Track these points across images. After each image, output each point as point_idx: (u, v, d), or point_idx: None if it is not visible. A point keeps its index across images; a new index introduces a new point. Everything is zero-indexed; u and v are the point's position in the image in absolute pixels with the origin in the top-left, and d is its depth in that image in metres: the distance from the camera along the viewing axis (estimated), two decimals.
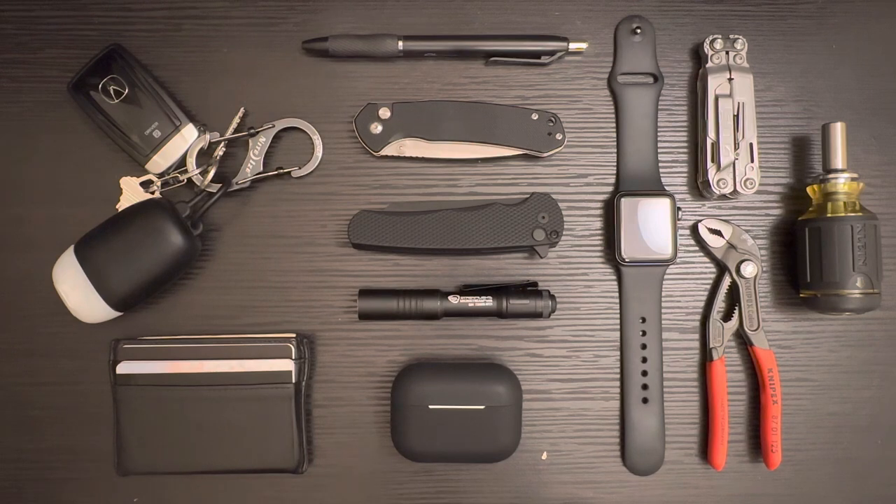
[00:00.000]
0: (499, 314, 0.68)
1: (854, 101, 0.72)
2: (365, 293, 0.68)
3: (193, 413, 0.66)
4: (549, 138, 0.70)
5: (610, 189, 0.72)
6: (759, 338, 0.70)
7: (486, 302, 0.68)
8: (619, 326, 0.71)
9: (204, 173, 0.69)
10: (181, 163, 0.69)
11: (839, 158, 0.68)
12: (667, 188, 0.71)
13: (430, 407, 0.65)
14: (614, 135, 0.72)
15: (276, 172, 0.70)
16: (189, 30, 0.71)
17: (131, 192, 0.69)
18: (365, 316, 0.68)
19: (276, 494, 0.70)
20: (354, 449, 0.70)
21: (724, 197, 0.70)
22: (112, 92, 0.68)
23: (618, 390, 0.71)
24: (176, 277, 0.67)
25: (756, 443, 0.71)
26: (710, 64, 0.70)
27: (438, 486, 0.70)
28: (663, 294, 0.71)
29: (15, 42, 0.71)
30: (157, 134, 0.68)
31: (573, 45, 0.71)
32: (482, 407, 0.65)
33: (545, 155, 0.70)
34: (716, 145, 0.69)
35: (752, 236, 0.71)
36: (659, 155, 0.72)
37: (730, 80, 0.69)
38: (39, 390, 0.69)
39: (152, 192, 0.69)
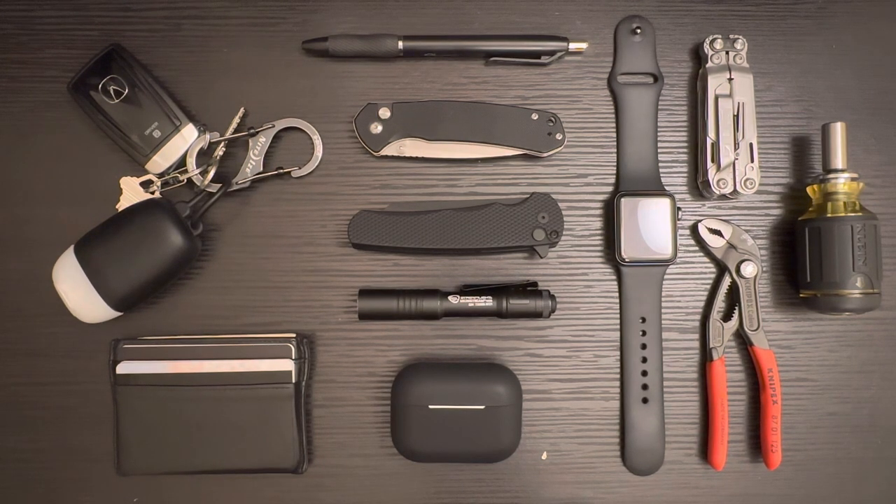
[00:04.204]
0: (499, 314, 0.68)
1: (854, 101, 0.72)
2: (365, 293, 0.68)
3: (193, 413, 0.67)
4: (549, 138, 0.70)
5: (610, 189, 0.72)
6: (759, 338, 0.70)
7: (486, 302, 0.68)
8: (619, 326, 0.71)
9: (204, 173, 0.69)
10: (181, 163, 0.69)
11: (839, 158, 0.68)
12: (667, 188, 0.71)
13: (430, 407, 0.65)
14: (614, 135, 0.72)
15: (276, 172, 0.70)
16: (189, 30, 0.71)
17: (131, 192, 0.69)
18: (365, 316, 0.68)
19: (276, 494, 0.70)
20: (354, 449, 0.70)
21: (724, 197, 0.70)
22: (112, 92, 0.68)
23: (618, 390, 0.71)
24: (176, 277, 0.67)
25: (756, 443, 0.71)
26: (710, 64, 0.70)
27: (438, 486, 0.70)
28: (663, 294, 0.71)
29: (15, 42, 0.71)
30: (157, 134, 0.68)
31: (573, 45, 0.71)
32: (482, 407, 0.65)
33: (545, 155, 0.70)
34: (716, 145, 0.69)
35: (752, 236, 0.71)
36: (659, 155, 0.72)
37: (730, 80, 0.69)
38: (39, 390, 0.69)
39: (152, 192, 0.69)
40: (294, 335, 0.68)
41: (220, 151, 0.69)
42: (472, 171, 0.71)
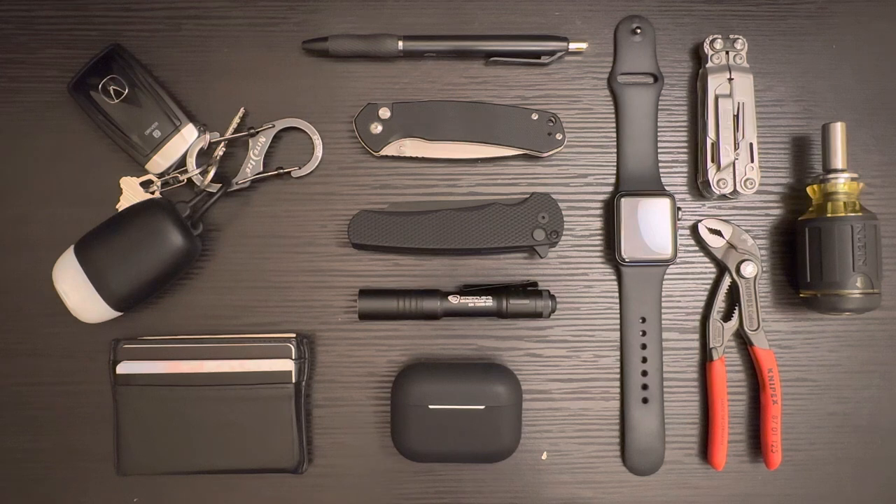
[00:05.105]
0: (499, 314, 0.68)
1: (854, 101, 0.72)
2: (365, 293, 0.68)
3: (193, 413, 0.66)
4: (549, 138, 0.70)
5: (610, 189, 0.72)
6: (759, 338, 0.70)
7: (486, 302, 0.68)
8: (619, 326, 0.71)
9: (204, 173, 0.69)
10: (181, 163, 0.69)
11: (839, 158, 0.68)
12: (667, 188, 0.71)
13: (430, 407, 0.65)
14: (614, 135, 0.72)
15: (276, 172, 0.70)
16: (189, 30, 0.71)
17: (131, 192, 0.69)
18: (365, 316, 0.68)
19: (276, 494, 0.70)
20: (354, 449, 0.70)
21: (724, 197, 0.70)
22: (112, 92, 0.68)
23: (618, 390, 0.71)
24: (176, 277, 0.67)
25: (756, 443, 0.71)
26: (710, 64, 0.70)
27: (438, 486, 0.70)
28: (663, 294, 0.71)
29: (15, 42, 0.71)
30: (157, 134, 0.68)
31: (573, 45, 0.71)
32: (482, 407, 0.65)
33: (545, 155, 0.70)
34: (716, 145, 0.69)
35: (752, 236, 0.71)
36: (659, 155, 0.72)
37: (730, 80, 0.69)
38: (39, 390, 0.69)
39: (152, 192, 0.69)
40: (294, 335, 0.68)
41: (220, 151, 0.69)
42: (472, 171, 0.71)
